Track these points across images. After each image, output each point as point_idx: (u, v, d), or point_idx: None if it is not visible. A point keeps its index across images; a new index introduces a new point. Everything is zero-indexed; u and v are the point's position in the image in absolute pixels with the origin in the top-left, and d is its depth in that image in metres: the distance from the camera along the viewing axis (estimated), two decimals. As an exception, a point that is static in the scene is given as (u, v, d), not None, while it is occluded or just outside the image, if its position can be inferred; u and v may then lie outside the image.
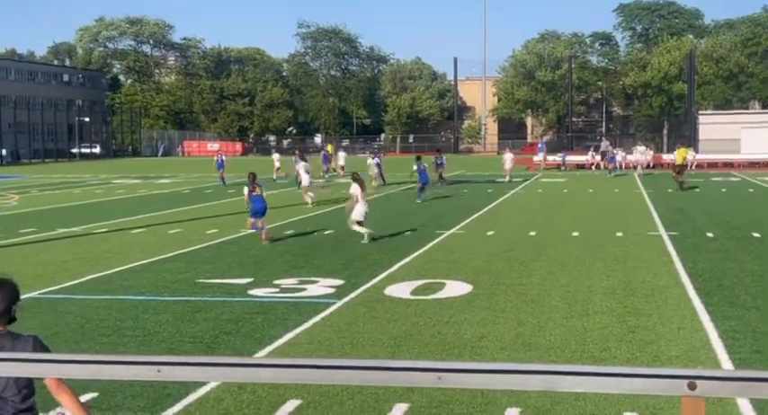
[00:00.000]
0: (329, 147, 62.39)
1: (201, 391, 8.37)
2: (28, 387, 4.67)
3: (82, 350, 10.02)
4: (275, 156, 48.67)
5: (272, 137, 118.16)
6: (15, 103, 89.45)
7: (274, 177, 44.76)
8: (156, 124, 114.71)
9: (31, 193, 38.96)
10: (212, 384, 8.46)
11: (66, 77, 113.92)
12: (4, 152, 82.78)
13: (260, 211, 20.27)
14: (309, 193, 30.38)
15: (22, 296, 12.92)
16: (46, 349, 4.62)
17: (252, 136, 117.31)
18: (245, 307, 12.64)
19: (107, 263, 17.06)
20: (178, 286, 14.49)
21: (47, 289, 14.19)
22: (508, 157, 44.72)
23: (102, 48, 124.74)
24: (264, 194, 20.95)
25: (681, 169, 37.28)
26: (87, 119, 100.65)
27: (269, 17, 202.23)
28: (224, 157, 45.13)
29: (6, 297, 4.60)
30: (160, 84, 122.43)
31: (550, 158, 59.03)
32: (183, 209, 29.37)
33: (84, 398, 8.15)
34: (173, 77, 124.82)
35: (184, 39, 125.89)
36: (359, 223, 20.15)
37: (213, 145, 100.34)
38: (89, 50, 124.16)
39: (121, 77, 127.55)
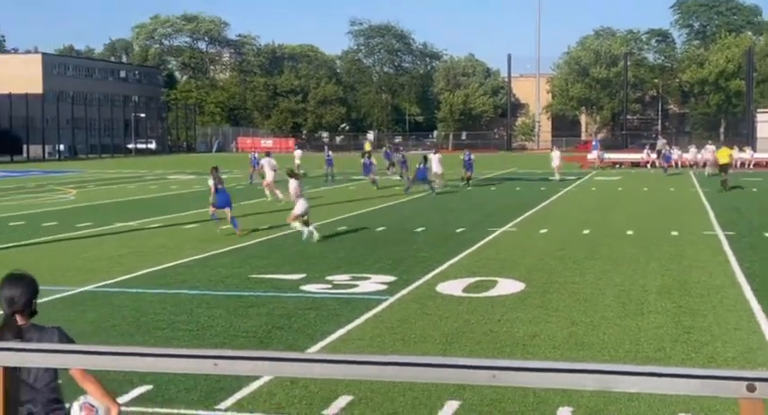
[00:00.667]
0: (367, 145, 62.01)
1: (254, 385, 8.44)
2: (55, 377, 4.80)
3: (137, 343, 10.17)
4: (297, 153, 49.25)
5: (324, 134, 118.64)
6: (73, 99, 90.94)
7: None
8: (211, 120, 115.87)
9: (87, 188, 39.59)
10: (265, 379, 8.52)
11: (122, 74, 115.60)
12: (61, 147, 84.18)
13: (223, 203, 21.35)
14: (276, 191, 30.20)
15: (80, 289, 13.05)
16: (70, 340, 4.74)
17: (305, 132, 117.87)
18: (298, 303, 12.72)
19: (161, 258, 17.28)
20: (231, 281, 14.62)
21: (103, 283, 14.41)
22: (556, 155, 44.37)
23: (158, 45, 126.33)
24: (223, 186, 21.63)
25: (724, 168, 36.52)
26: (143, 115, 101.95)
27: (322, 15, 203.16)
28: (256, 155, 44.75)
29: (27, 291, 4.75)
30: (215, 81, 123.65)
31: (590, 156, 58.22)
32: (237, 205, 29.59)
33: (139, 390, 8.29)
34: (227, 74, 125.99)
35: (239, 36, 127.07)
36: (302, 220, 20.00)
37: (267, 142, 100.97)
38: (145, 47, 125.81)
39: (177, 74, 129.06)
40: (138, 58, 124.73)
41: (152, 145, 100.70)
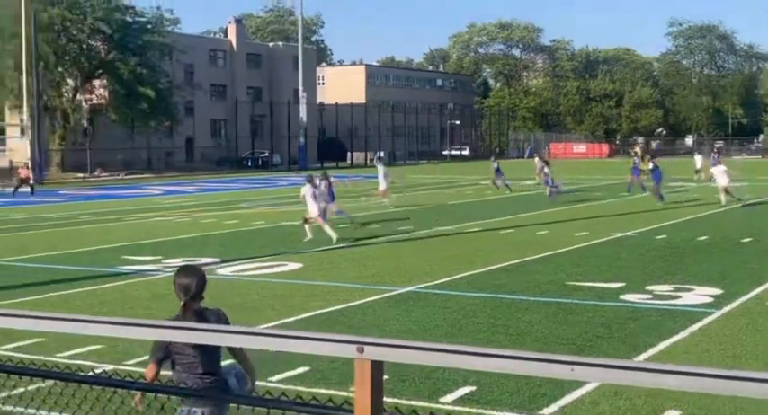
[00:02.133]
0: (636, 149, 56.72)
1: (576, 393, 8.37)
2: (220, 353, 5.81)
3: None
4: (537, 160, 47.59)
5: (639, 139, 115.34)
6: (393, 108, 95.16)
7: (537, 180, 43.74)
8: (523, 126, 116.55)
9: (406, 193, 41.20)
10: (587, 388, 8.43)
11: (439, 82, 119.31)
12: (381, 153, 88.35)
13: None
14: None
15: (404, 289, 13.60)
16: (227, 320, 5.68)
17: (619, 137, 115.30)
18: (617, 312, 12.47)
19: (479, 261, 17.61)
20: (548, 287, 14.61)
21: (425, 284, 14.94)
22: None
23: (473, 54, 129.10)
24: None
25: None
26: (458, 123, 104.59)
27: (639, 17, 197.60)
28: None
29: (200, 281, 5.59)
30: (528, 87, 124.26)
31: None
32: (549, 211, 29.55)
33: (463, 391, 8.50)
34: (540, 80, 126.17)
35: (553, 41, 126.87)
36: (311, 222, 20.99)
37: (579, 147, 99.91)
38: (461, 56, 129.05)
39: (491, 81, 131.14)
40: (454, 67, 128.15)
41: (465, 152, 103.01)
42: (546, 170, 35.11)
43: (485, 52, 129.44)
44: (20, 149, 55.10)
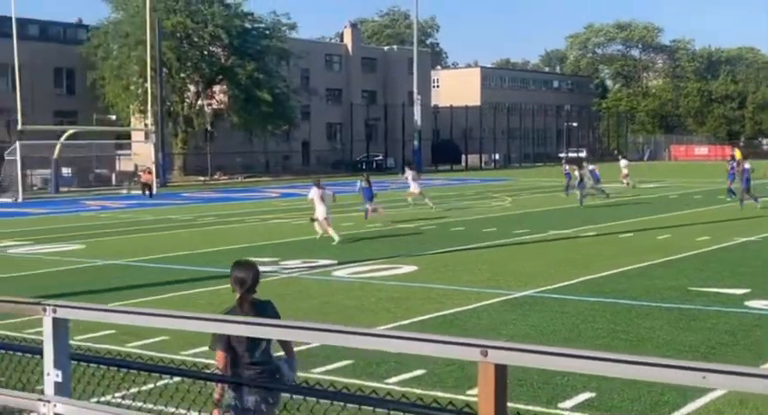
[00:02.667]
0: (737, 153, 52.46)
1: (699, 401, 8.15)
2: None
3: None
4: (622, 163, 46.17)
5: (765, 141, 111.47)
6: (509, 110, 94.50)
7: (624, 183, 43.58)
8: (642, 128, 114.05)
9: (521, 196, 40.87)
10: (711, 396, 8.20)
11: (555, 84, 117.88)
12: (496, 156, 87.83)
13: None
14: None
15: (521, 293, 13.53)
16: (277, 312, 6.22)
17: (743, 139, 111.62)
18: (742, 319, 12.08)
19: (598, 266, 17.32)
20: (670, 293, 14.25)
21: (542, 288, 14.78)
22: None
23: (590, 55, 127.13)
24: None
25: None
26: (575, 124, 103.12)
27: (764, 15, 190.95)
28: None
29: (254, 277, 6.13)
30: (647, 88, 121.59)
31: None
32: (671, 215, 28.84)
33: (582, 397, 8.39)
34: (659, 80, 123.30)
35: (673, 41, 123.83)
36: (319, 223, 22.52)
37: (701, 149, 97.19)
38: (579, 57, 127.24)
39: (609, 82, 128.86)
40: (571, 68, 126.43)
41: (582, 154, 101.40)
42: (579, 172, 34.18)
43: (602, 53, 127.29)
44: (144, 153, 56.96)
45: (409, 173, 34.27)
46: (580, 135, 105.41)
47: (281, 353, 6.37)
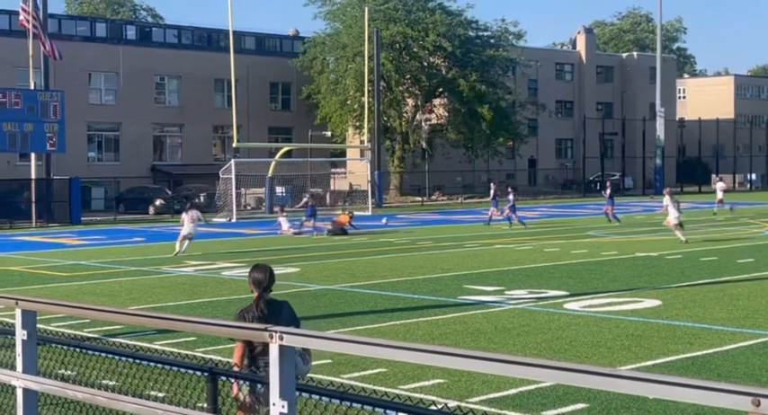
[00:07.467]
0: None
1: None
2: None
3: None
4: (719, 186, 46.79)
5: None
6: (767, 124, 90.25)
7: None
8: None
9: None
10: None
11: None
12: (753, 176, 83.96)
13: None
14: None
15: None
16: (293, 310, 7.51)
17: None
18: None
19: None
20: None
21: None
22: None
23: None
24: None
25: None
26: None
27: None
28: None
29: (270, 277, 7.40)
30: None
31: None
32: None
33: None
34: None
35: None
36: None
37: None
38: None
39: None
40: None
41: None
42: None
43: None
44: (360, 171, 58.50)
45: (667, 198, 31.74)
46: None
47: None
